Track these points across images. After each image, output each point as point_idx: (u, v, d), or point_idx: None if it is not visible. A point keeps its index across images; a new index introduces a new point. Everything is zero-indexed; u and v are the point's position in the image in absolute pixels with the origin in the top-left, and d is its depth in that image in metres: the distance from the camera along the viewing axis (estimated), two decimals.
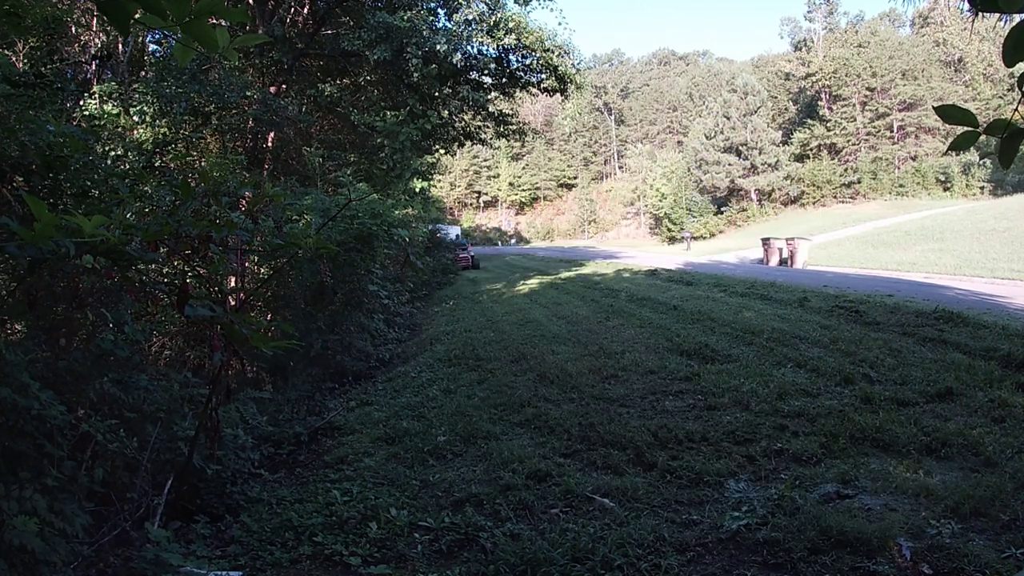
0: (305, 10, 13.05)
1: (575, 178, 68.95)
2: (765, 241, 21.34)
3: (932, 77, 45.23)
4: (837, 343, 6.45)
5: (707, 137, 47.41)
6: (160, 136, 7.48)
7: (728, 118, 45.92)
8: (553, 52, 13.10)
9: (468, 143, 18.04)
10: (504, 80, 14.23)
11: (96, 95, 7.66)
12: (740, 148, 45.16)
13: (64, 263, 2.37)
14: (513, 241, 62.27)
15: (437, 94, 13.37)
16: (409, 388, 6.50)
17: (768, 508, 3.10)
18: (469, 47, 12.91)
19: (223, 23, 1.72)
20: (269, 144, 11.54)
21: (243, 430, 4.42)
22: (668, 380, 5.69)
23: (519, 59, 13.66)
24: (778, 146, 45.80)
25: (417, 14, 11.90)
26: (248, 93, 9.59)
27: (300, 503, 3.67)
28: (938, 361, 5.53)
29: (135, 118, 7.59)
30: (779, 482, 3.46)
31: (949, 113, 1.25)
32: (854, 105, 47.24)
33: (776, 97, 53.24)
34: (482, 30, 12.46)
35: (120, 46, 9.26)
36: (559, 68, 13.37)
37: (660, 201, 48.89)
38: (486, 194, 69.53)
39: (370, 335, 8.15)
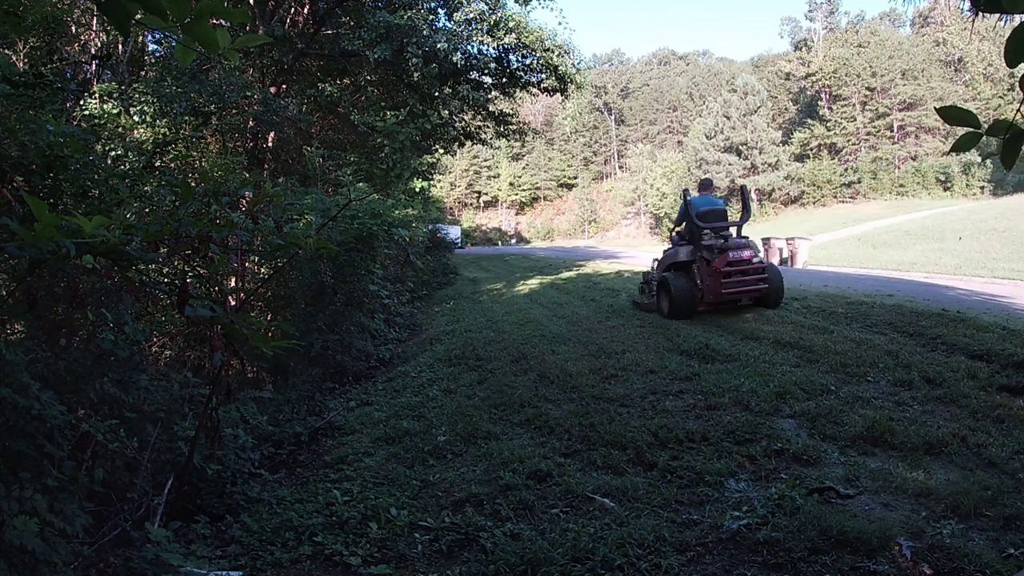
0: (305, 10, 13.07)
1: (575, 178, 68.91)
2: (765, 241, 21.26)
3: (932, 77, 45.27)
4: (837, 343, 6.44)
5: (707, 137, 47.44)
6: (160, 136, 7.49)
7: (728, 118, 45.95)
8: (553, 52, 13.10)
9: (468, 143, 18.05)
10: (504, 80, 14.24)
11: (96, 95, 7.66)
12: (740, 148, 45.18)
13: (64, 263, 2.37)
14: (513, 241, 62.21)
15: (437, 94, 13.37)
16: (409, 388, 6.50)
17: (768, 508, 3.09)
18: (469, 46, 12.92)
19: (224, 23, 1.72)
20: (269, 144, 11.55)
21: (243, 430, 4.42)
22: (668, 380, 5.69)
23: (519, 59, 13.66)
24: (778, 146, 45.83)
25: (417, 13, 11.91)
26: (248, 93, 9.60)
27: (300, 503, 3.67)
28: (938, 361, 5.52)
29: (135, 118, 7.60)
30: (779, 482, 3.46)
31: (951, 114, 1.25)
32: (854, 105, 47.28)
33: (776, 97, 53.29)
34: (482, 29, 12.47)
35: (120, 46, 9.26)
36: (559, 68, 13.38)
37: (660, 201, 48.93)
38: (486, 194, 69.47)
39: (370, 335, 8.15)
